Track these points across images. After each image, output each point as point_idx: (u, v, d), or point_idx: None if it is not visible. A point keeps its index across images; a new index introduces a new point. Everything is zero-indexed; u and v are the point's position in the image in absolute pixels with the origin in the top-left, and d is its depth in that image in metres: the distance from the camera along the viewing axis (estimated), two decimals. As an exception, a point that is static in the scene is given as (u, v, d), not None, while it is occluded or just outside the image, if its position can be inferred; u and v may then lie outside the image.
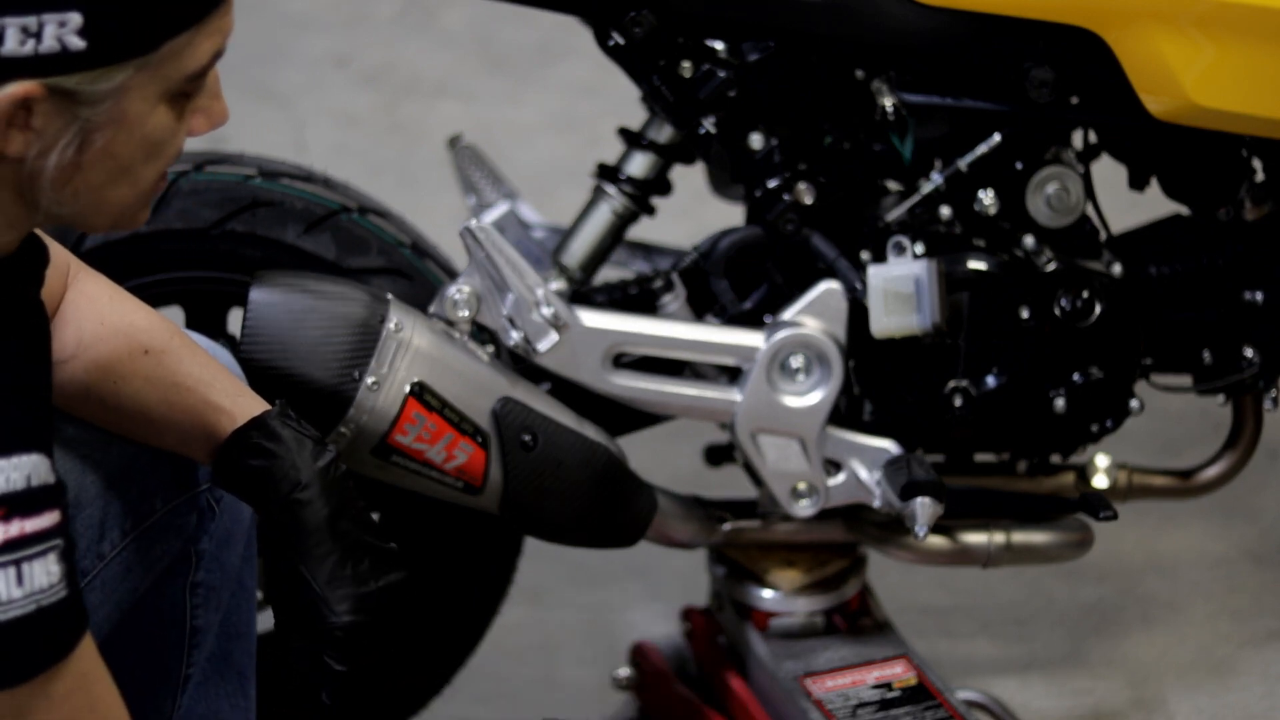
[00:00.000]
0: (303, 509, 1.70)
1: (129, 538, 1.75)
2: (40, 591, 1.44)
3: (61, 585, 1.46)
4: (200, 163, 2.17)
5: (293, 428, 1.73)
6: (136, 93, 1.46)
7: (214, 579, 1.85)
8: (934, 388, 2.20)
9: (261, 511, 1.73)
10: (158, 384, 1.75)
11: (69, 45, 1.41)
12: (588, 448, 2.06)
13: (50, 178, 1.46)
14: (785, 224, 2.17)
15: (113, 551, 1.74)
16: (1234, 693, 2.57)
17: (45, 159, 1.46)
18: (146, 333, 1.76)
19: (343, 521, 1.71)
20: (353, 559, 1.70)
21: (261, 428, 1.72)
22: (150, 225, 2.13)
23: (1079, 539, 2.31)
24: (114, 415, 1.76)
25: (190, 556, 1.83)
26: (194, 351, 1.77)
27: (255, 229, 2.14)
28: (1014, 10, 2.10)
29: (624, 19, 2.11)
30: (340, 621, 1.70)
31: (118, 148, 1.48)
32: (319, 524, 1.70)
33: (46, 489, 1.47)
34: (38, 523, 1.45)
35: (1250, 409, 2.37)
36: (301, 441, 1.72)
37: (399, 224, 2.23)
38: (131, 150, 1.49)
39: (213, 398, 1.75)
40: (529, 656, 2.66)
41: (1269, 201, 2.24)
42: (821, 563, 2.32)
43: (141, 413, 1.75)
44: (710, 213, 2.59)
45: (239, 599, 1.91)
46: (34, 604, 1.44)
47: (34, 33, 1.40)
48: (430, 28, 4.51)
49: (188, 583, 1.84)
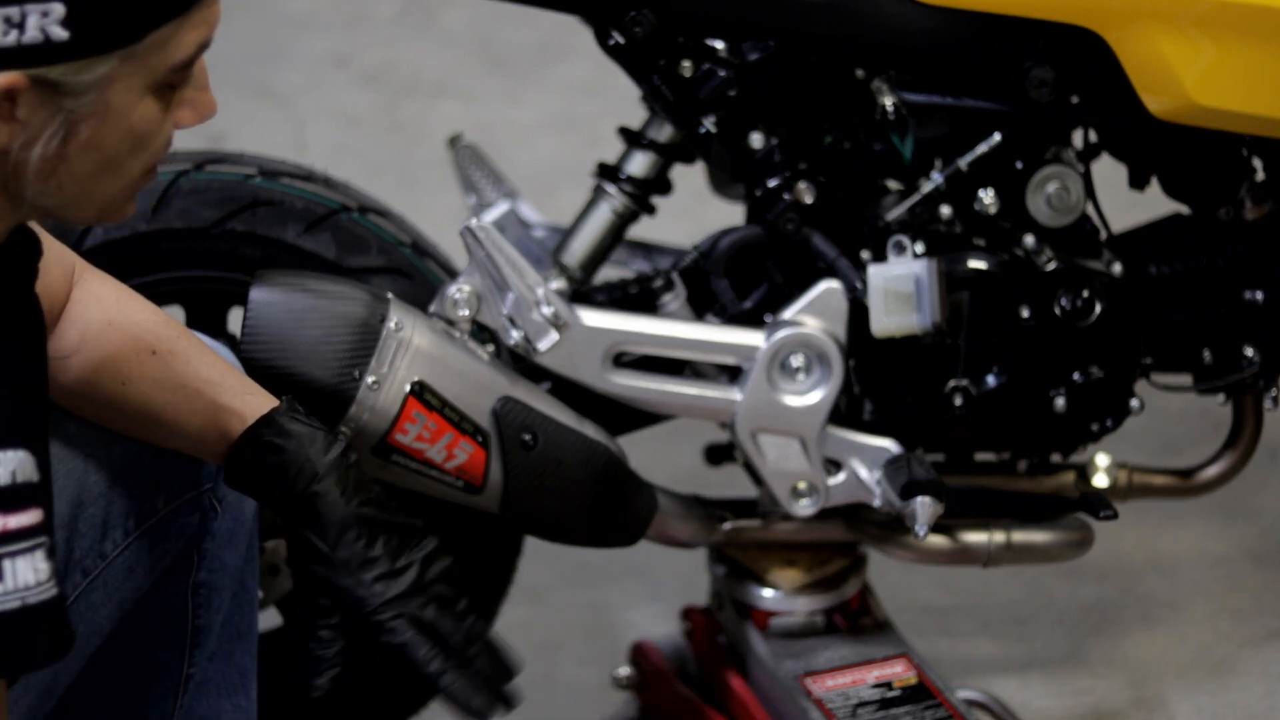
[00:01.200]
0: (321, 500, 1.71)
1: (132, 537, 1.75)
2: (25, 589, 1.43)
3: (51, 584, 1.45)
4: (200, 162, 2.17)
5: (302, 422, 1.74)
6: (121, 84, 1.46)
7: (216, 579, 1.85)
8: (934, 387, 2.20)
9: (279, 508, 1.73)
10: (165, 385, 1.75)
11: (52, 36, 1.41)
12: (588, 447, 2.06)
13: (35, 169, 1.46)
14: (785, 223, 2.17)
15: (115, 551, 1.74)
16: (1234, 692, 2.57)
17: (30, 150, 1.45)
18: (153, 333, 1.76)
19: (364, 507, 1.71)
20: (382, 538, 1.71)
21: (271, 425, 1.73)
22: (151, 224, 2.13)
23: (1079, 538, 2.31)
24: (121, 416, 1.76)
25: (192, 556, 1.83)
26: (201, 351, 1.78)
27: (255, 228, 2.14)
28: (1014, 10, 2.10)
29: (624, 18, 2.11)
30: (382, 598, 1.70)
31: (103, 139, 1.48)
32: (341, 513, 1.71)
33: (30, 486, 1.46)
34: (21, 519, 1.44)
35: (1250, 408, 2.37)
36: (313, 435, 1.73)
37: (399, 223, 2.23)
38: (117, 142, 1.49)
39: (222, 398, 1.75)
40: (529, 656, 2.64)
41: (1269, 201, 2.24)
42: (822, 562, 2.32)
43: (149, 413, 1.75)
44: (710, 212, 2.59)
45: (240, 599, 1.91)
46: (18, 600, 1.43)
47: (17, 23, 1.40)
48: (430, 28, 4.51)
49: (189, 582, 1.84)
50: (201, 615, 1.85)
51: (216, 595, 1.86)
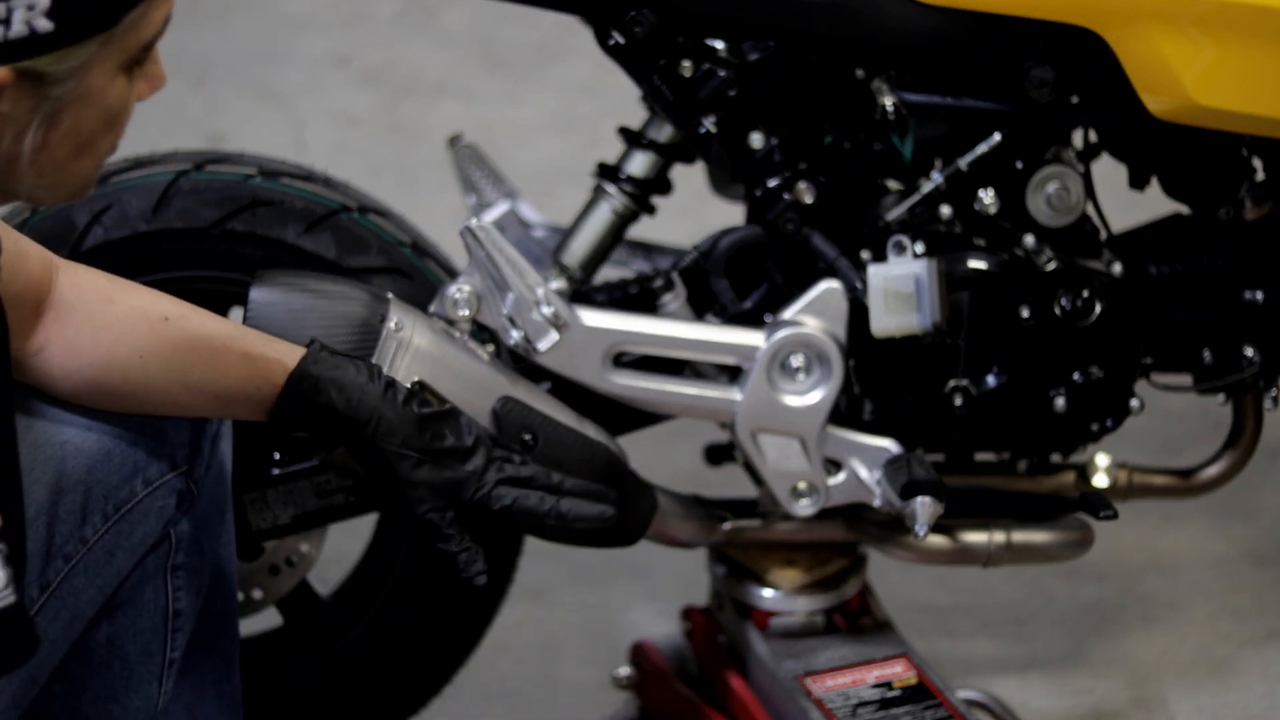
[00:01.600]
0: (394, 418, 1.79)
1: (111, 521, 1.76)
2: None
3: (9, 590, 1.45)
4: (200, 162, 2.17)
5: (340, 356, 1.81)
6: (99, 67, 1.49)
7: (194, 561, 1.86)
8: (934, 387, 2.20)
9: (347, 439, 1.80)
10: (187, 348, 1.77)
11: (37, 28, 1.43)
12: (588, 447, 2.06)
13: (27, 160, 1.48)
14: (785, 223, 2.17)
15: (95, 536, 1.75)
16: (1234, 692, 2.57)
17: (20, 143, 1.47)
18: (157, 304, 1.79)
19: (421, 409, 1.81)
20: (446, 428, 1.82)
21: (318, 362, 1.78)
22: (151, 224, 2.13)
23: (1079, 538, 2.31)
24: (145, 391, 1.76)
25: (169, 539, 1.83)
26: (203, 312, 1.81)
27: (255, 228, 2.14)
28: (1014, 10, 2.10)
29: (624, 19, 2.11)
30: (478, 474, 1.82)
31: (82, 122, 1.50)
32: (411, 421, 1.80)
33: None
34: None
35: (1250, 408, 2.37)
36: (356, 366, 1.81)
37: (399, 223, 2.23)
38: (93, 123, 1.51)
39: (252, 349, 1.79)
40: (529, 656, 2.66)
41: (1269, 201, 2.24)
42: (822, 562, 2.32)
43: (175, 380, 1.77)
44: (710, 213, 2.59)
45: (220, 583, 1.92)
46: None
47: (3, 19, 1.41)
48: (430, 28, 4.51)
49: (167, 565, 1.84)
50: (180, 599, 1.85)
51: (195, 578, 1.86)
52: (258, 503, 2.14)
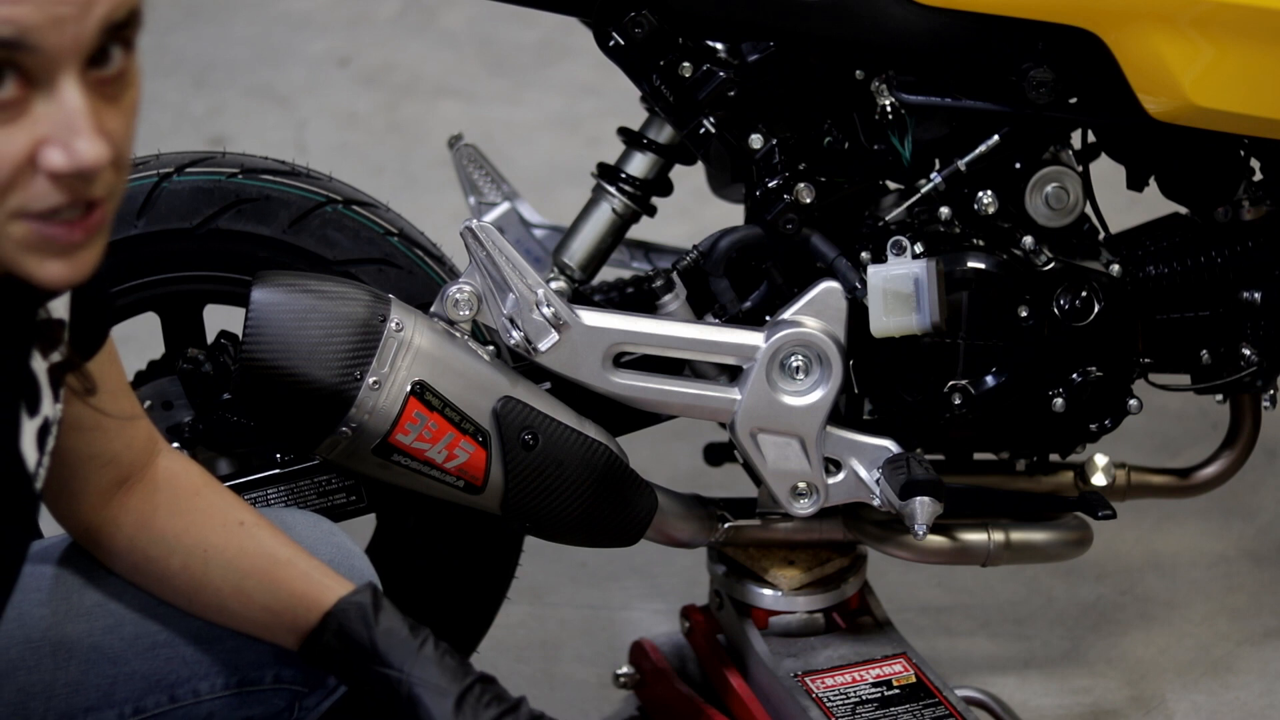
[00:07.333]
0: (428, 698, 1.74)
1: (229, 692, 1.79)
2: None
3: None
4: (182, 164, 2.17)
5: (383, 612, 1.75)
6: None
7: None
8: (933, 387, 2.20)
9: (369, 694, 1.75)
10: (254, 555, 1.77)
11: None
12: (588, 447, 2.07)
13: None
14: (785, 223, 2.17)
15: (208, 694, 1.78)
16: (1232, 691, 2.57)
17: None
18: (236, 508, 1.80)
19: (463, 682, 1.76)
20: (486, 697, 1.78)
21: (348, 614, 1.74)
22: (138, 228, 2.13)
23: (1078, 538, 2.31)
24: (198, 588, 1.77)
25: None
26: (279, 531, 1.80)
27: (241, 226, 2.14)
28: (1013, 11, 2.11)
29: (624, 19, 2.11)
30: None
31: None
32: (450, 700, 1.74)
33: None
34: None
35: (1248, 408, 2.38)
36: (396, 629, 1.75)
37: (384, 214, 2.23)
38: None
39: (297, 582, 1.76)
40: (529, 655, 2.66)
41: (1267, 201, 2.25)
42: (821, 561, 2.33)
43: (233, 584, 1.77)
44: (710, 213, 2.59)
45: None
46: None
47: None
48: (430, 28, 4.52)
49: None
50: None
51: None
52: (259, 503, 2.14)
